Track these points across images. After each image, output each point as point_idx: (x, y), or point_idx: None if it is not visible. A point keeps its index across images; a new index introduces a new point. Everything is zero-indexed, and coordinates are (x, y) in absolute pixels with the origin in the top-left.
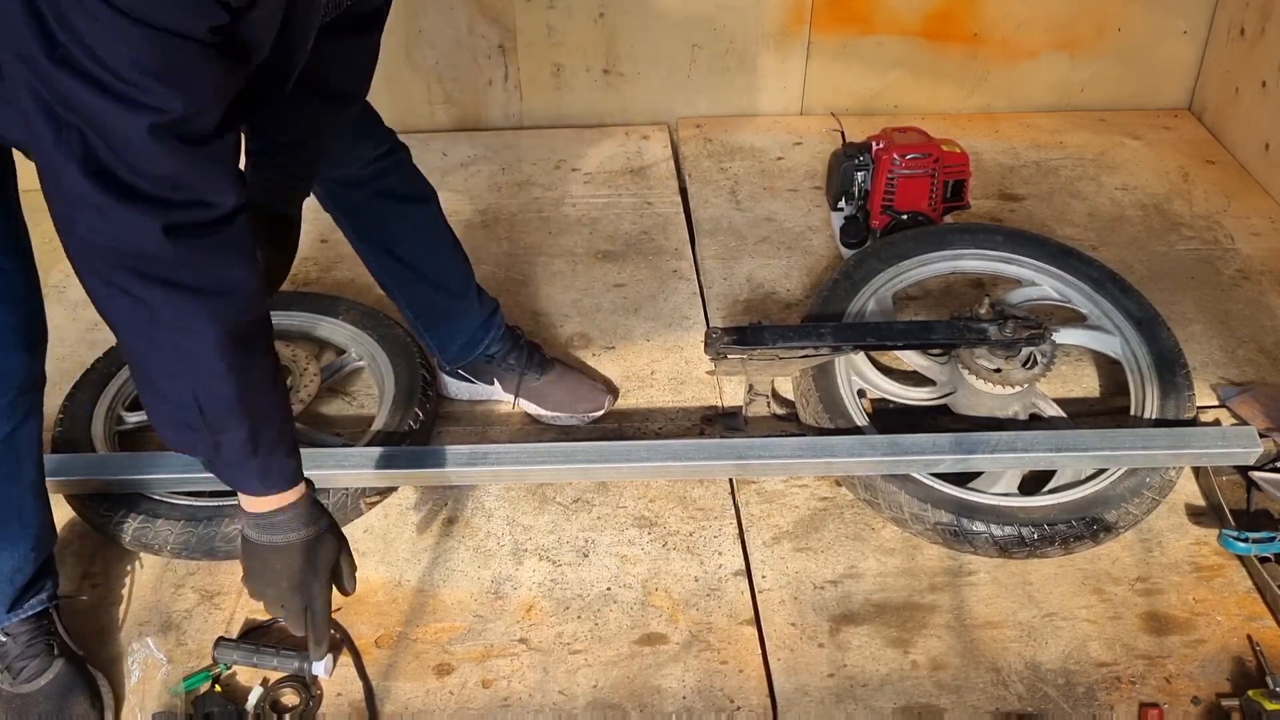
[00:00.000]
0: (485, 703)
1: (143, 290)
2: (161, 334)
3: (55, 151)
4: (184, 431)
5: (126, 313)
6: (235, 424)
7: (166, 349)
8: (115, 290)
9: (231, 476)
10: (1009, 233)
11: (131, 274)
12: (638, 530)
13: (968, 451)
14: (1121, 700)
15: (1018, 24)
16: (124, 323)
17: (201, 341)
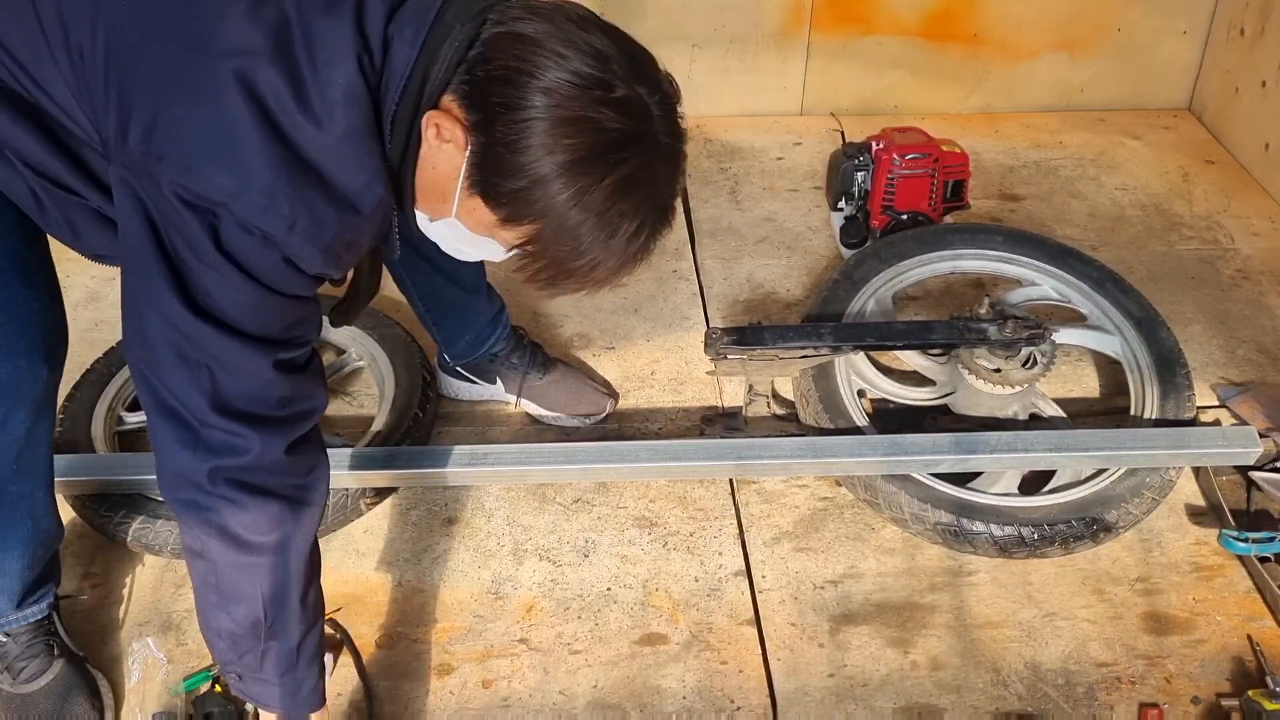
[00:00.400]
0: (485, 703)
1: (250, 502)
2: (248, 544)
3: (183, 386)
4: (235, 645)
5: (219, 531)
6: (290, 629)
7: (250, 561)
8: (218, 504)
9: (266, 694)
10: (1009, 233)
11: (239, 487)
12: (638, 530)
13: (968, 451)
14: (1121, 700)
15: (1017, 24)
16: (215, 543)
17: (296, 549)
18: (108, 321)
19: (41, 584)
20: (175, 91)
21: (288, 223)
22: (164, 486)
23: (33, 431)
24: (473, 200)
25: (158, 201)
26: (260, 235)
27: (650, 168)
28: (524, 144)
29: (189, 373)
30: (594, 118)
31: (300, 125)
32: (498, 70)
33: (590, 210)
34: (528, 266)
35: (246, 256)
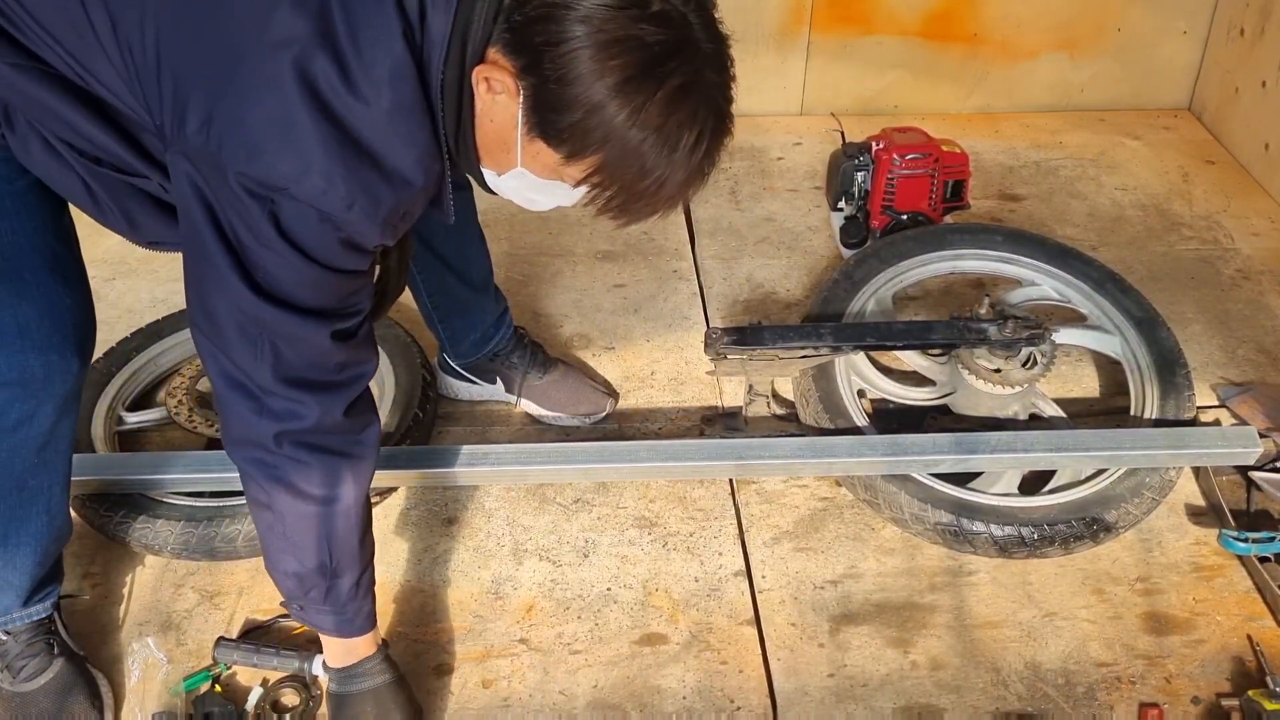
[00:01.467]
0: (485, 703)
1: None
2: (312, 497)
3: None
4: (302, 585)
5: (285, 486)
6: (352, 566)
7: (315, 511)
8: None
9: (331, 622)
10: (1009, 233)
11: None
12: (638, 530)
13: (968, 451)
14: (1121, 700)
15: (1017, 24)
16: (282, 497)
17: (355, 498)
18: (107, 321)
19: (48, 583)
20: (232, 83)
21: (346, 203)
22: (231, 447)
23: (58, 426)
24: (535, 144)
25: (218, 189)
26: (319, 215)
27: (699, 75)
28: (572, 75)
29: (253, 347)
30: (635, 34)
31: (351, 107)
32: (535, 11)
33: (648, 127)
34: (598, 198)
35: (305, 238)
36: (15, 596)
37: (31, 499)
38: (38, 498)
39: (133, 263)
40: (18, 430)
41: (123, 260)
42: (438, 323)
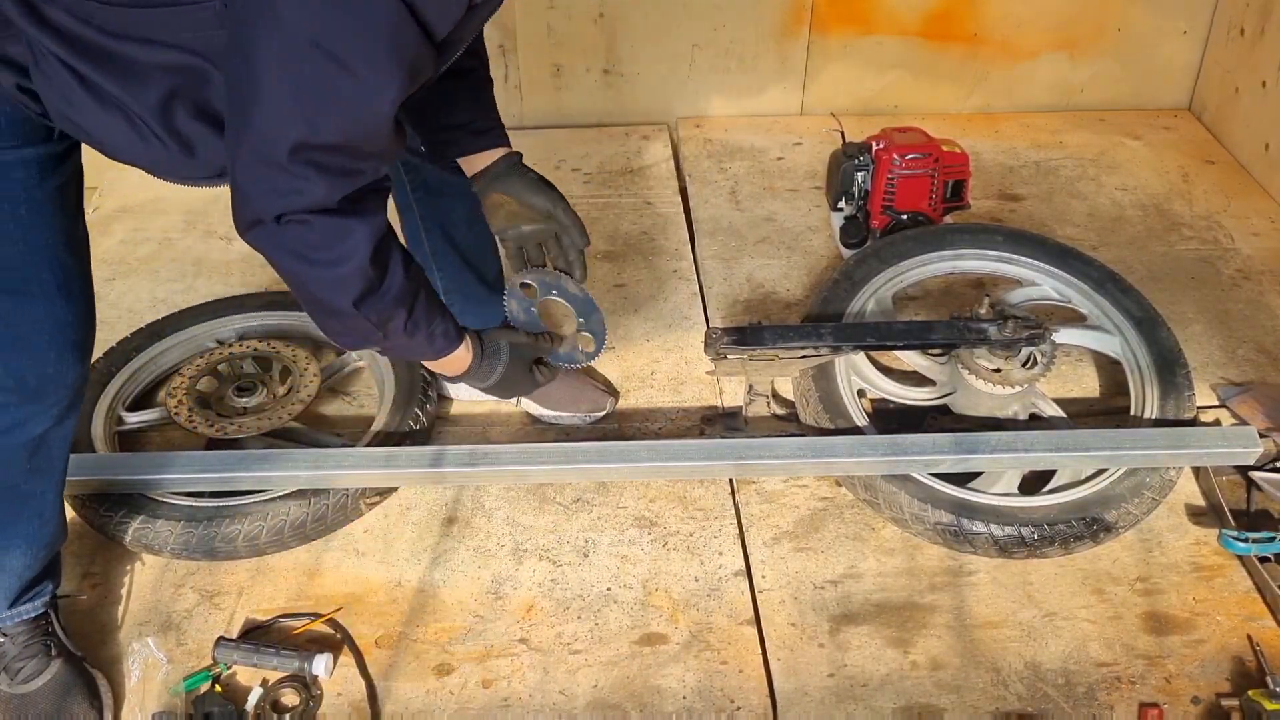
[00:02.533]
0: (485, 703)
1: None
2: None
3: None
4: (358, 337)
5: (293, 255)
6: (395, 313)
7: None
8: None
9: (410, 354)
10: (1009, 233)
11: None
12: (638, 530)
13: (968, 452)
14: (1121, 700)
15: (1017, 24)
16: (294, 265)
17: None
18: (107, 321)
19: (38, 583)
20: None
21: None
22: (238, 225)
23: (51, 434)
24: None
25: None
26: None
27: None
28: None
29: (294, 104)
30: None
31: None
32: None
33: None
34: None
35: None
36: (2, 598)
37: (23, 503)
38: (29, 502)
39: (133, 263)
40: (8, 435)
41: (123, 260)
42: None
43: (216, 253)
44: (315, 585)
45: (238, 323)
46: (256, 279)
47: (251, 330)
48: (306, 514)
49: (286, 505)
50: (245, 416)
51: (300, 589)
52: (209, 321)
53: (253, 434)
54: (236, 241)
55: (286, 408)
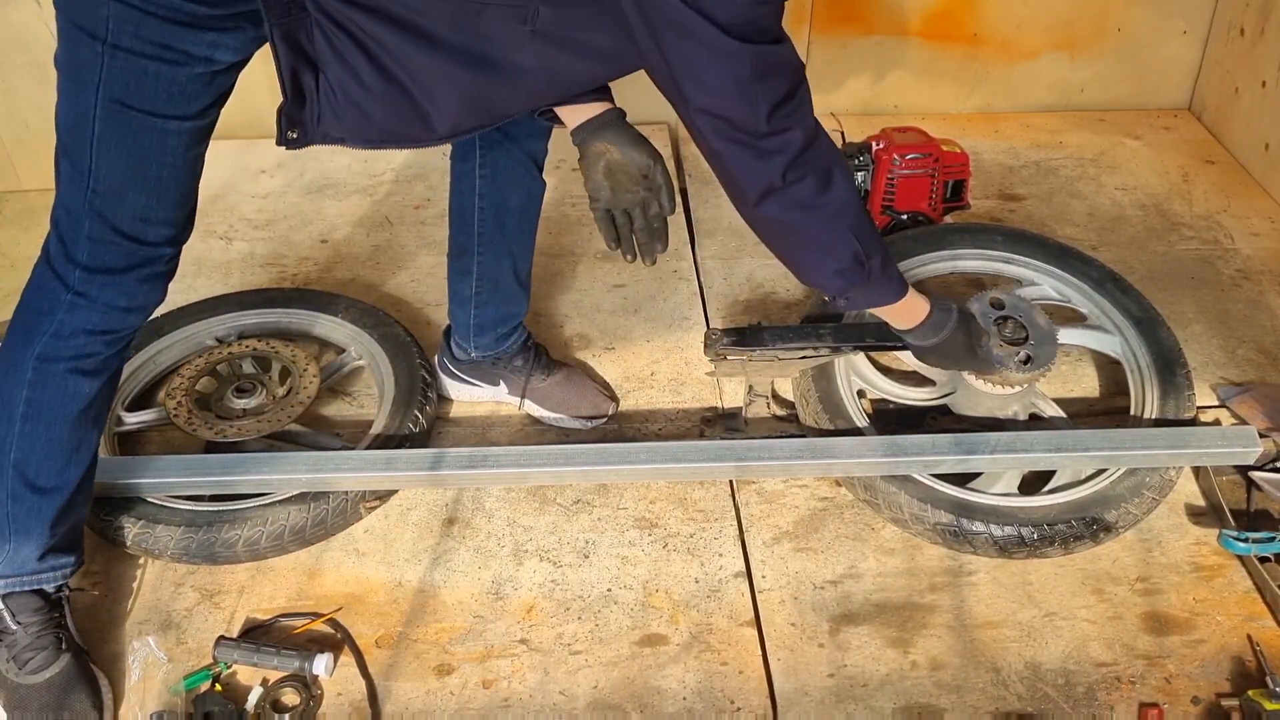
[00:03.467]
0: (485, 703)
1: (808, 176)
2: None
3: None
4: (847, 276)
5: (798, 205)
6: (875, 245)
7: (826, 214)
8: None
9: (882, 295)
10: (1009, 232)
11: (800, 168)
12: (638, 531)
13: (967, 452)
14: (1121, 700)
15: (1018, 24)
16: (799, 215)
17: (844, 192)
18: None
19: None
20: None
21: None
22: (745, 205)
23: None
24: None
25: None
26: None
27: None
28: None
29: (745, 96)
30: None
31: None
32: None
33: None
34: None
35: None
36: (35, 549)
37: (70, 435)
38: (75, 433)
39: None
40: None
41: None
42: (473, 309)
43: (216, 252)
44: (316, 585)
45: (237, 320)
46: (256, 278)
47: (250, 329)
48: (306, 519)
49: (286, 510)
50: (244, 419)
51: (301, 589)
52: (208, 319)
53: (252, 436)
54: (236, 241)
55: (286, 410)
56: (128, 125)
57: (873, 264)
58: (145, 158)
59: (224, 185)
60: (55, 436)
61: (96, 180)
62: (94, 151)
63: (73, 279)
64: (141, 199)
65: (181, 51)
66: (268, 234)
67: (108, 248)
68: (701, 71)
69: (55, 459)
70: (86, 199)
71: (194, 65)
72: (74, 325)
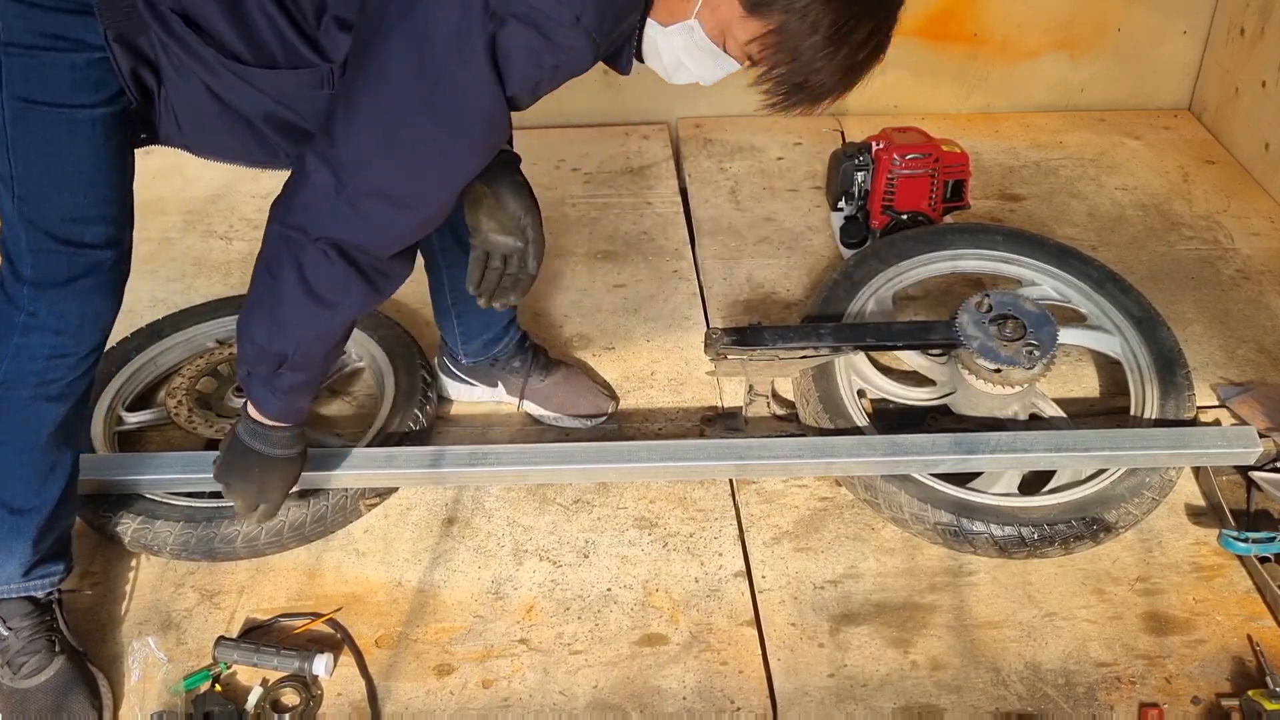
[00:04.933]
0: (485, 703)
1: (337, 263)
2: (318, 299)
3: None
4: (263, 359)
5: (298, 271)
6: (307, 368)
7: (309, 308)
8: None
9: (264, 397)
10: (1009, 232)
11: (337, 250)
12: (638, 531)
13: (968, 452)
14: (1121, 700)
15: (1018, 24)
16: (290, 277)
17: (347, 316)
18: None
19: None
20: None
21: (576, 13)
22: (276, 213)
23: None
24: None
25: None
26: (537, 34)
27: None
28: None
29: (385, 147)
30: None
31: None
32: None
33: (832, 8)
34: (763, 64)
35: (510, 64)
36: (19, 565)
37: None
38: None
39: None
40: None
41: None
42: (454, 319)
43: (216, 253)
44: (315, 585)
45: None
46: None
47: None
48: (306, 515)
49: (286, 506)
50: None
51: (300, 589)
52: (209, 321)
53: None
54: (236, 241)
55: None
56: (37, 122)
57: (286, 376)
58: (61, 153)
59: (224, 185)
60: (27, 461)
61: (19, 185)
62: (11, 156)
63: (22, 298)
64: (67, 197)
65: (75, 40)
66: None
67: (48, 258)
68: None
69: (29, 481)
70: (16, 208)
71: (90, 51)
72: (32, 349)
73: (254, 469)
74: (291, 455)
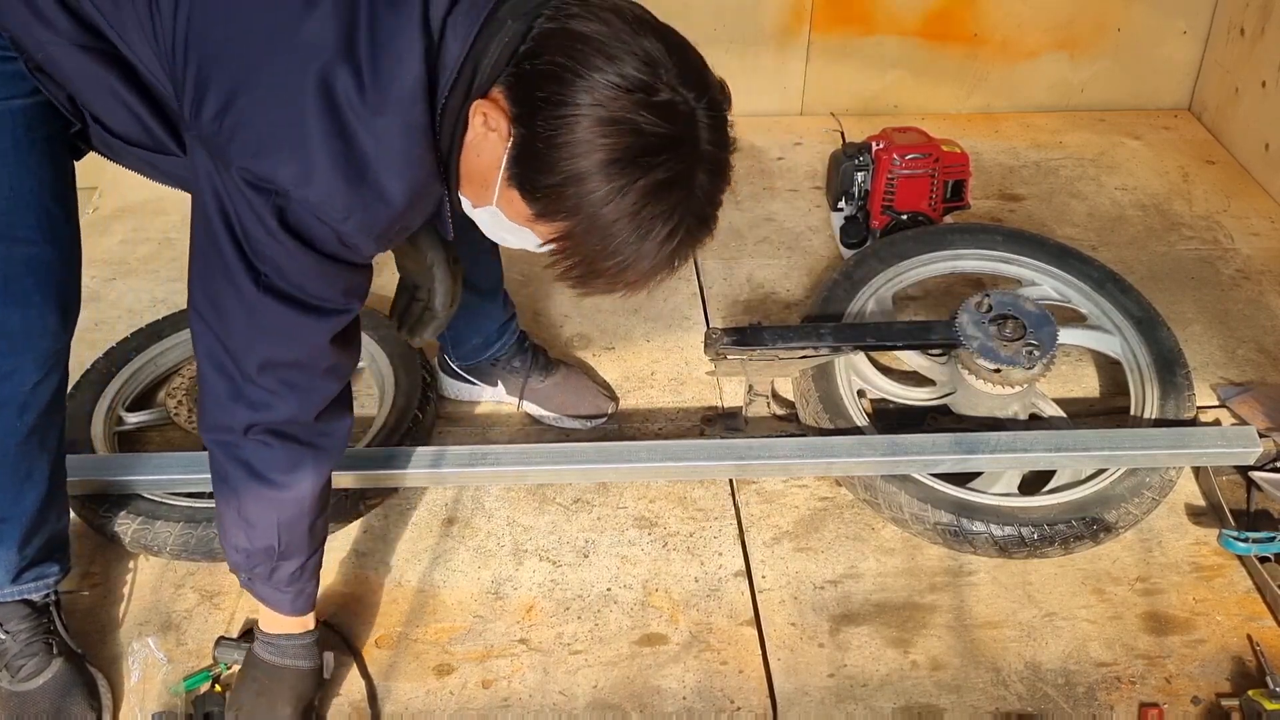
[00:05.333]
0: (485, 703)
1: (276, 446)
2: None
3: (240, 345)
4: (251, 560)
5: (246, 468)
6: (300, 551)
7: (271, 495)
8: (249, 447)
9: (271, 596)
10: (1009, 233)
11: (270, 435)
12: (638, 531)
13: (968, 452)
14: (1121, 700)
15: (1018, 24)
16: (241, 476)
17: (311, 487)
18: (107, 321)
19: (40, 562)
20: (254, 78)
21: (343, 215)
22: (202, 426)
23: (39, 388)
24: (511, 191)
25: (225, 180)
26: (317, 219)
27: (689, 174)
28: (562, 140)
29: (247, 336)
30: (634, 120)
31: (364, 122)
32: (546, 66)
33: (623, 211)
34: (560, 263)
35: (309, 232)
36: (6, 572)
37: (13, 466)
38: (20, 464)
39: (133, 263)
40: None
41: (123, 261)
42: None
43: None
44: None
45: None
46: None
47: None
48: None
49: None
50: None
51: None
52: None
53: None
54: None
55: None
56: None
57: (282, 566)
58: None
59: None
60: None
61: None
62: None
63: None
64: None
65: None
66: None
67: None
68: None
69: (4, 490)
70: None
71: None
72: None
73: (270, 686)
74: (305, 669)
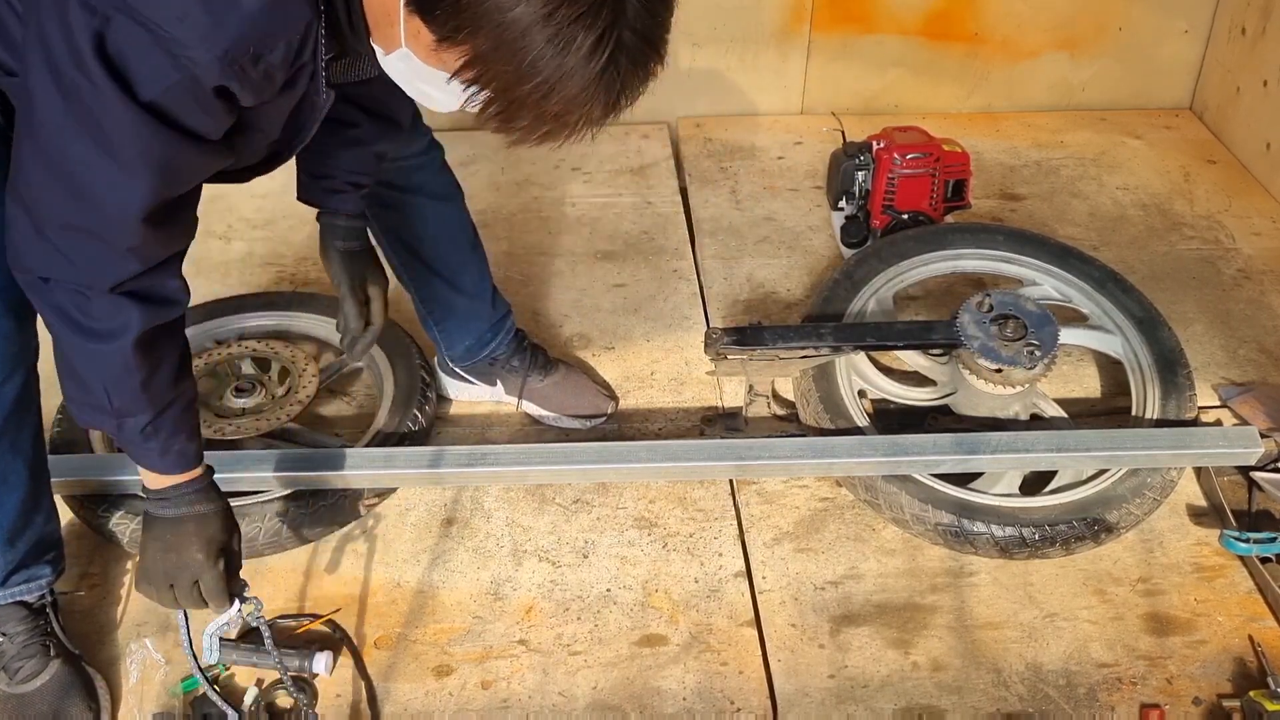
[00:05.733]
0: (485, 704)
1: (90, 295)
2: (89, 330)
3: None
4: (94, 413)
5: (58, 312)
6: (139, 410)
7: (89, 346)
8: (63, 292)
9: (134, 453)
10: (1010, 232)
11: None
12: (638, 531)
13: (969, 452)
14: (1123, 701)
15: (1018, 23)
16: (55, 322)
17: (129, 341)
18: None
19: (30, 564)
20: None
21: (180, 14)
22: (12, 265)
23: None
24: (414, 20)
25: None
26: (150, 36)
27: None
28: None
29: (45, 183)
30: None
31: None
32: None
33: (533, 15)
34: (476, 99)
35: (128, 67)
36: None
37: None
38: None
39: None
40: None
41: None
42: (433, 326)
43: (215, 253)
44: (314, 586)
45: (236, 323)
46: (255, 279)
47: (250, 330)
48: (304, 516)
49: (285, 507)
50: (243, 418)
51: (299, 589)
52: (207, 322)
53: (251, 435)
54: (235, 241)
55: (285, 409)
56: None
57: (127, 423)
58: None
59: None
60: None
61: None
62: None
63: None
64: None
65: None
66: (266, 233)
67: None
68: None
69: None
70: None
71: None
72: None
73: (169, 539)
74: (201, 513)
